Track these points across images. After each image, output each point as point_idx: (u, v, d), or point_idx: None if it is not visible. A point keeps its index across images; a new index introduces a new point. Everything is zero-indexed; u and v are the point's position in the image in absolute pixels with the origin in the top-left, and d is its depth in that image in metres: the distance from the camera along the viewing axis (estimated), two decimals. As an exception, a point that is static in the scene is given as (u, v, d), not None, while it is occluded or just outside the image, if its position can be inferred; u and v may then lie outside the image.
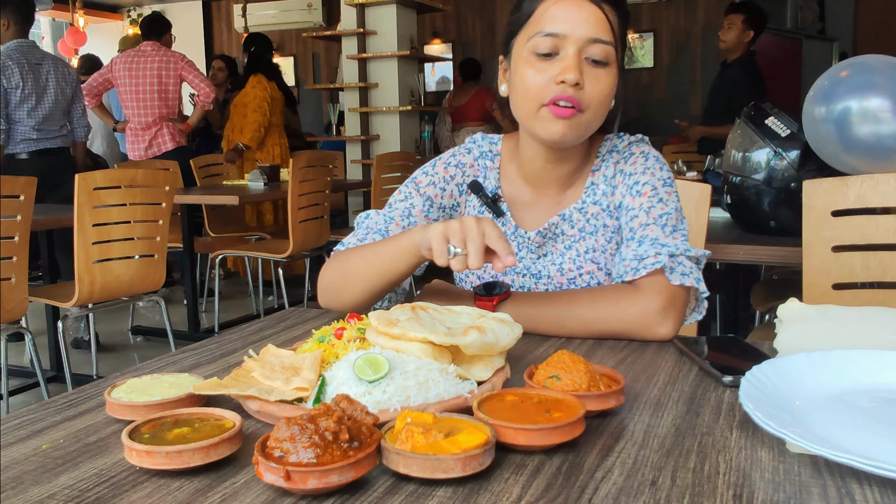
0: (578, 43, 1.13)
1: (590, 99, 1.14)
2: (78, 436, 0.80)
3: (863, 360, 0.86)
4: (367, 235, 1.28)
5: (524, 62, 1.17)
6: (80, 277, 2.92)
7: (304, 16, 10.03)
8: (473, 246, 0.98)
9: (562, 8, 1.14)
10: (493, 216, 1.31)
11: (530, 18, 1.17)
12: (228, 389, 0.82)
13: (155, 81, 5.20)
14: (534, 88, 1.15)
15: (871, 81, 1.73)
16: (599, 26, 1.13)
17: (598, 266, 1.27)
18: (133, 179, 3.06)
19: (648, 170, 1.25)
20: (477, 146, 1.36)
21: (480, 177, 1.33)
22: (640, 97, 8.79)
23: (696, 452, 0.72)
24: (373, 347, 0.87)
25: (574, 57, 1.12)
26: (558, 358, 0.83)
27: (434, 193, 1.32)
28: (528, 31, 1.17)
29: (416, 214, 1.30)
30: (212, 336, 1.19)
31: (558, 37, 1.13)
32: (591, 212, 1.28)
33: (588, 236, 1.27)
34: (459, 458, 0.65)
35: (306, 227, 4.06)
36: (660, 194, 1.22)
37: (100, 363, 3.86)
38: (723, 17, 4.60)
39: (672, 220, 1.20)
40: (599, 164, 1.29)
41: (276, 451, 0.65)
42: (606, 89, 1.16)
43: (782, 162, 1.97)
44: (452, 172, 1.33)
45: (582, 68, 1.13)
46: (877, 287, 1.66)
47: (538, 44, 1.15)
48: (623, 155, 1.28)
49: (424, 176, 1.34)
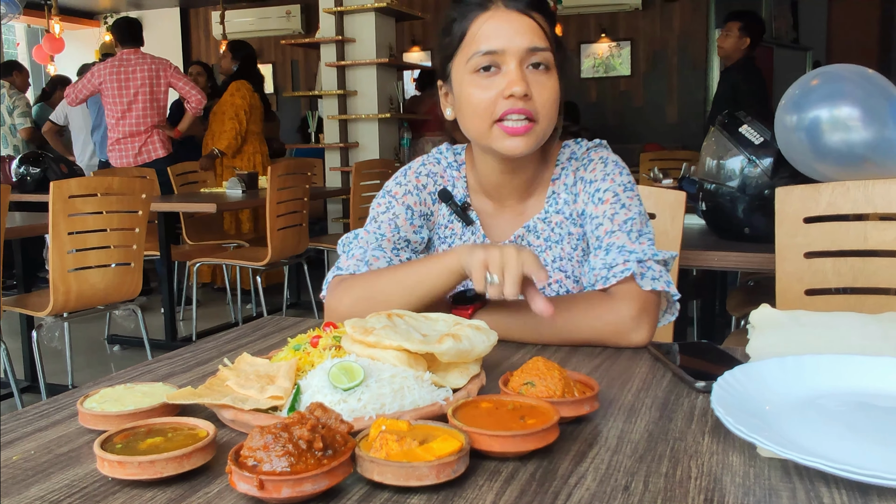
0: (518, 55, 1.13)
1: (540, 106, 1.15)
2: (49, 447, 0.79)
3: (833, 364, 0.87)
4: (366, 254, 1.24)
5: (468, 83, 1.17)
6: (54, 286, 2.89)
7: (282, 23, 10.01)
8: (510, 277, 1.00)
9: (493, 24, 1.15)
10: (463, 225, 1.31)
11: (464, 40, 1.18)
12: (202, 398, 0.81)
13: (147, 90, 5.15)
14: (482, 106, 1.16)
15: (840, 90, 1.76)
16: (534, 35, 1.14)
17: (565, 274, 1.28)
18: (109, 187, 3.04)
19: (608, 176, 1.25)
20: (444, 156, 1.36)
21: (449, 186, 1.34)
22: (618, 105, 8.87)
23: (668, 457, 0.73)
24: (348, 355, 0.87)
25: (517, 69, 1.13)
26: (533, 365, 0.84)
27: (412, 201, 1.31)
28: (464, 52, 1.18)
29: (401, 224, 1.29)
30: (189, 344, 1.18)
31: (497, 53, 1.14)
32: (554, 221, 1.28)
33: (554, 245, 1.28)
34: (433, 466, 0.65)
35: (285, 234, 4.04)
36: (622, 200, 1.22)
37: (75, 372, 3.82)
38: (700, 27, 4.67)
39: (637, 224, 1.20)
40: (559, 173, 1.29)
41: (249, 461, 0.65)
42: (554, 94, 1.17)
43: (756, 169, 2.00)
44: (424, 181, 1.34)
45: (526, 78, 1.14)
46: (848, 293, 1.69)
47: (478, 62, 1.15)
48: (582, 162, 1.29)
49: (398, 186, 1.33)
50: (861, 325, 1.04)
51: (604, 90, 8.93)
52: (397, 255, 1.27)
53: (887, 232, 1.62)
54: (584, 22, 8.86)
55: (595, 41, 8.86)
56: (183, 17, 10.60)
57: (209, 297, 5.75)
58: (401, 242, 1.29)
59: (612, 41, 8.77)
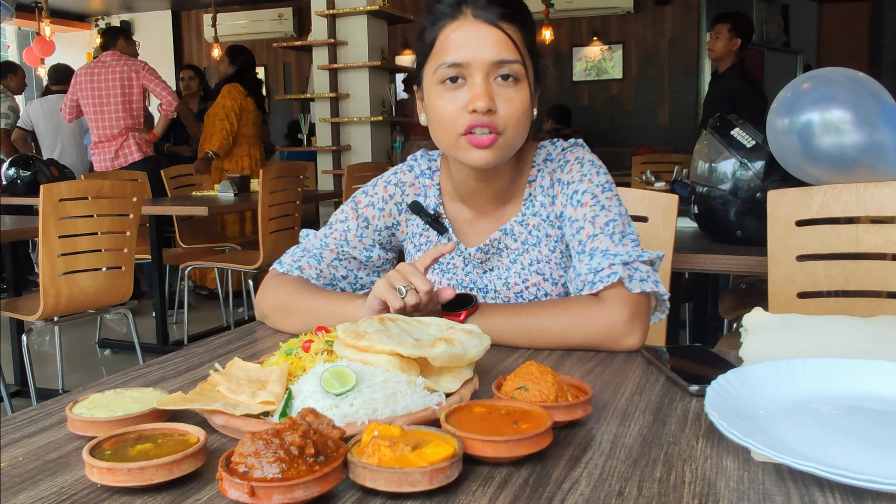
0: (484, 68, 1.12)
1: (506, 120, 1.13)
2: (38, 453, 0.78)
3: (826, 368, 0.87)
4: (303, 259, 1.31)
5: (435, 93, 1.16)
6: (45, 290, 2.87)
7: (274, 26, 10.00)
8: (414, 276, 1.06)
9: (461, 35, 1.13)
10: (437, 234, 1.31)
11: (433, 48, 1.17)
12: (193, 404, 0.81)
13: (119, 92, 5.15)
14: (448, 119, 1.14)
15: (832, 94, 1.76)
16: (502, 47, 1.12)
17: (543, 277, 1.27)
18: (100, 190, 3.02)
19: (585, 176, 1.23)
20: (417, 164, 1.35)
21: (421, 195, 1.33)
22: (610, 108, 8.89)
23: (662, 462, 0.72)
24: (340, 360, 0.86)
25: (482, 83, 1.12)
26: (526, 369, 0.83)
27: (371, 214, 1.33)
28: (433, 61, 1.17)
29: (350, 239, 1.32)
30: (180, 349, 1.18)
31: (462, 65, 1.13)
32: (531, 223, 1.27)
33: (531, 248, 1.27)
34: (426, 472, 0.64)
35: (277, 237, 4.03)
36: (601, 201, 1.21)
37: (66, 377, 3.80)
38: (692, 30, 4.68)
39: (619, 226, 1.19)
40: (535, 175, 1.28)
41: (240, 467, 0.64)
42: (521, 107, 1.14)
43: (748, 172, 2.00)
44: (392, 191, 1.34)
45: (492, 92, 1.12)
46: (840, 295, 1.69)
47: (444, 74, 1.14)
48: (558, 163, 1.27)
49: (364, 196, 1.35)
50: (854, 329, 1.04)
51: (595, 93, 8.95)
52: (335, 267, 1.32)
53: (879, 235, 1.62)
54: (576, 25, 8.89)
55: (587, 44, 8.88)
56: (175, 20, 10.59)
57: (201, 301, 5.72)
58: (344, 254, 1.32)
59: (604, 44, 8.80)
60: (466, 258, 1.30)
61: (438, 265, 1.32)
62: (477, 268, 1.30)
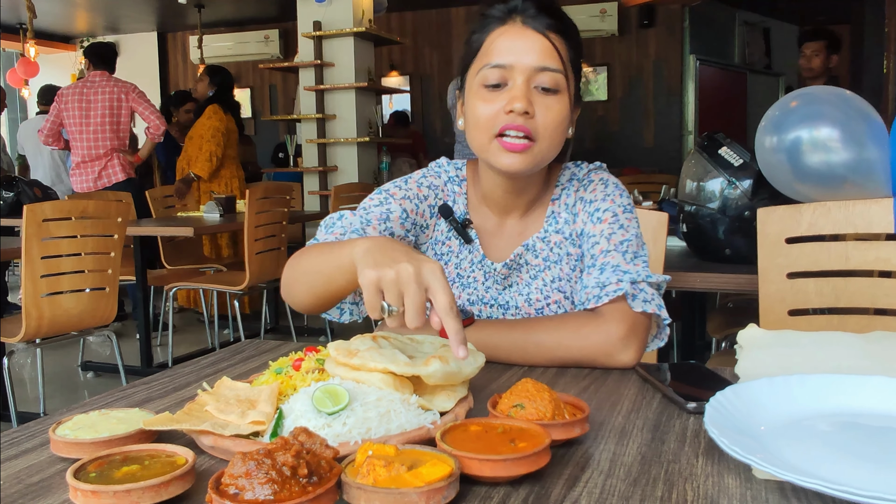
0: (526, 72, 1.13)
1: (542, 127, 1.13)
2: (19, 476, 0.76)
3: (823, 385, 0.87)
4: (346, 235, 1.18)
5: (475, 95, 1.17)
6: (27, 312, 2.83)
7: (261, 48, 10.03)
8: (412, 304, 0.81)
9: (507, 39, 1.15)
10: (462, 242, 1.29)
11: (479, 51, 1.18)
12: (181, 424, 0.78)
13: (107, 113, 5.12)
14: (484, 120, 1.15)
15: (820, 112, 1.77)
16: (546, 55, 1.13)
17: (564, 295, 1.26)
18: (84, 210, 2.99)
19: (608, 196, 1.25)
20: (444, 171, 1.33)
21: (450, 201, 1.31)
22: (595, 129, 8.95)
23: (663, 480, 0.71)
24: (332, 378, 0.85)
25: (522, 86, 1.12)
26: (522, 386, 0.82)
27: (409, 208, 1.27)
28: (477, 63, 1.18)
29: (393, 220, 1.22)
30: (166, 370, 1.15)
31: (505, 68, 1.13)
32: (553, 241, 1.27)
33: (553, 265, 1.26)
34: (423, 492, 0.63)
35: (263, 258, 4.00)
36: (620, 220, 1.22)
37: (48, 400, 3.73)
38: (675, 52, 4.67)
39: (633, 246, 1.20)
40: (559, 193, 1.28)
41: (230, 489, 0.62)
42: (559, 117, 1.15)
43: (736, 191, 2.01)
44: (425, 192, 1.30)
45: (531, 97, 1.12)
46: (831, 313, 1.69)
47: (487, 76, 1.15)
48: (583, 183, 1.28)
49: (398, 189, 1.29)
50: (848, 345, 1.03)
51: (581, 115, 8.92)
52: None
53: (868, 252, 1.62)
54: (561, 47, 8.95)
55: (572, 66, 8.94)
56: (160, 41, 10.59)
57: (186, 323, 5.66)
58: (387, 230, 1.21)
59: (589, 66, 8.87)
60: (488, 273, 1.28)
61: (459, 279, 1.28)
62: (498, 283, 1.28)
